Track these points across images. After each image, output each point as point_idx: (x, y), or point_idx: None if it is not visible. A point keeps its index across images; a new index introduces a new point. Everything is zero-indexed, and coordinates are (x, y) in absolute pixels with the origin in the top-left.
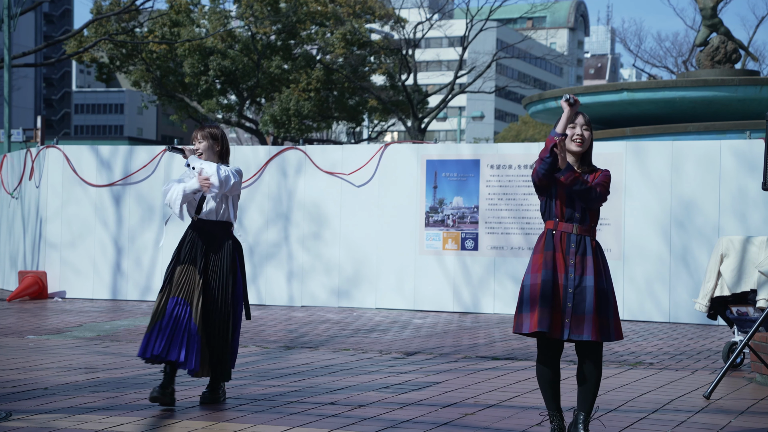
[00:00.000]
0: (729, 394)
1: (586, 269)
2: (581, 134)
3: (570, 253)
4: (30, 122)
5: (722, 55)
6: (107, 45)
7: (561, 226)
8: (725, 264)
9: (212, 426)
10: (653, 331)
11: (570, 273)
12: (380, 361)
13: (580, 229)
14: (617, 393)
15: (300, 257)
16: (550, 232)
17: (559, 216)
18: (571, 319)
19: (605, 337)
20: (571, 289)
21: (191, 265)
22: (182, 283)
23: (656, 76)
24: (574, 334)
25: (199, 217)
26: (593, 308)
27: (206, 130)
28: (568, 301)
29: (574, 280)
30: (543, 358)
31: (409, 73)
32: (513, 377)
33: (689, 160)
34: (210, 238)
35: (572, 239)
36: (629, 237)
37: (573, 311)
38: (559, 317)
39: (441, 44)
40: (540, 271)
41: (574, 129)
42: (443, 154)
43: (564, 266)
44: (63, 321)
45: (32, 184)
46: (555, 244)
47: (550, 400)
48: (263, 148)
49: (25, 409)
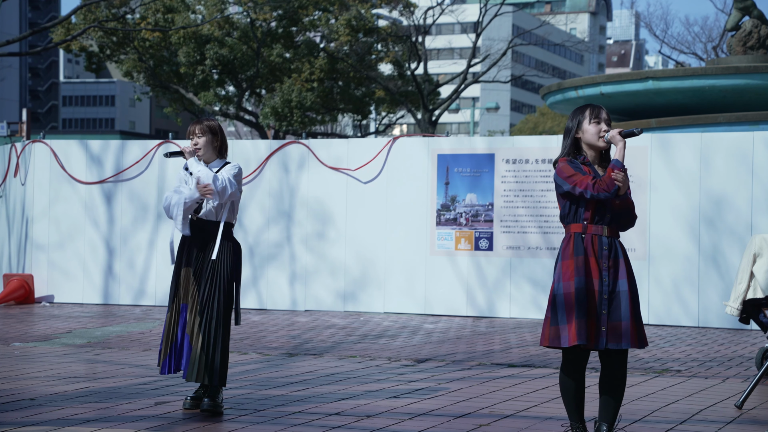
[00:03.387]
0: (762, 404)
1: (619, 273)
2: (607, 130)
3: (603, 257)
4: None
5: (755, 41)
6: (97, 33)
7: (591, 229)
8: (758, 264)
9: None
10: (681, 337)
11: (604, 278)
12: (389, 369)
13: (609, 231)
14: (642, 402)
15: (303, 258)
16: (579, 236)
17: (588, 219)
18: (607, 327)
19: (642, 343)
20: (606, 295)
21: (190, 267)
22: (185, 287)
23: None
24: (612, 343)
25: (198, 217)
26: (629, 314)
27: (204, 123)
28: (603, 308)
29: (608, 286)
30: (570, 369)
31: (418, 61)
32: (530, 386)
33: (719, 153)
34: (209, 239)
35: (604, 242)
36: (655, 236)
37: (609, 318)
38: (594, 326)
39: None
40: (573, 279)
41: (599, 125)
42: (456, 148)
43: (598, 271)
44: (51, 327)
45: (17, 181)
46: (586, 248)
47: (574, 412)
48: (264, 142)
49: (11, 422)
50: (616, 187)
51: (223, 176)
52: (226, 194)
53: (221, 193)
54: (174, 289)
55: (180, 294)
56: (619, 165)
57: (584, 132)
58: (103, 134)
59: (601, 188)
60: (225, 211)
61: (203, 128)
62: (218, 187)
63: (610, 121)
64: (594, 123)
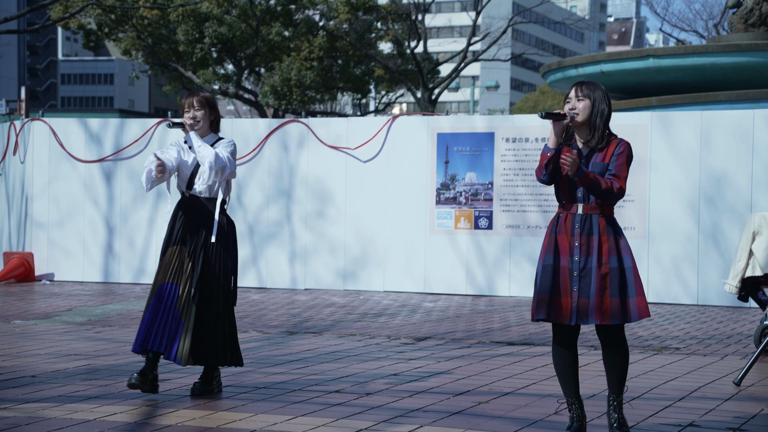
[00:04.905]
0: (761, 381)
1: (592, 250)
2: (573, 106)
3: (575, 235)
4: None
5: (756, 18)
6: (95, 10)
7: (566, 207)
8: (758, 242)
9: (211, 415)
10: (680, 314)
11: (575, 255)
12: (389, 347)
13: (585, 209)
14: (641, 380)
15: (303, 237)
16: (558, 215)
17: (566, 198)
18: (578, 304)
19: (617, 319)
20: (576, 273)
21: (182, 245)
22: (173, 267)
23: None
24: (581, 320)
25: (191, 193)
26: (596, 291)
27: (201, 95)
28: (574, 285)
29: (579, 263)
30: (558, 339)
31: (418, 39)
32: (529, 363)
33: (720, 131)
34: (202, 216)
35: (577, 219)
36: (655, 214)
37: (579, 295)
38: (568, 302)
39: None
40: (543, 256)
41: (569, 103)
42: (455, 126)
43: (568, 248)
44: (51, 305)
45: (17, 159)
46: (559, 227)
47: (569, 386)
48: (263, 121)
49: (12, 398)
50: (544, 173)
51: (223, 154)
52: (226, 173)
53: (221, 171)
54: (160, 265)
55: (165, 273)
56: (545, 150)
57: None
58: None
59: (537, 174)
60: (221, 189)
61: (200, 100)
62: (219, 165)
63: (586, 96)
64: (567, 103)
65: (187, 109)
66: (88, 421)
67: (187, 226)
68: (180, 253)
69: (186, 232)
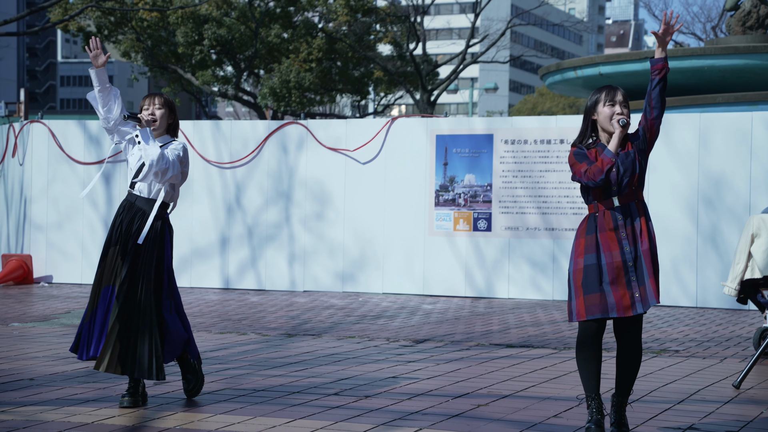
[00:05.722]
0: (760, 384)
1: (637, 237)
2: (622, 113)
3: (619, 228)
4: (12, 95)
5: (754, 20)
6: (94, 12)
7: (601, 206)
8: (756, 244)
9: (209, 418)
10: (679, 317)
11: (625, 247)
12: (387, 350)
13: (621, 200)
14: (641, 382)
15: (302, 239)
16: (593, 216)
17: (598, 197)
18: (639, 293)
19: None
20: (630, 263)
21: (119, 246)
22: (111, 268)
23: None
24: (645, 306)
25: (131, 191)
26: (649, 274)
27: (164, 97)
28: (632, 275)
29: (631, 253)
30: (583, 342)
31: (417, 41)
32: (529, 366)
33: (718, 133)
34: (139, 217)
35: (617, 212)
36: (653, 216)
37: (638, 284)
38: (626, 294)
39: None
40: (582, 256)
41: (614, 107)
42: (454, 128)
43: (617, 242)
44: (50, 307)
45: (16, 161)
46: (599, 226)
47: (592, 380)
48: (262, 122)
49: (10, 401)
50: (602, 176)
51: (167, 157)
52: (167, 175)
53: (161, 173)
54: (100, 269)
55: (105, 275)
56: (610, 155)
57: (599, 114)
58: None
59: (590, 176)
60: (162, 190)
61: (163, 101)
62: (160, 167)
63: (627, 102)
64: (608, 106)
65: (147, 106)
66: (87, 424)
67: (123, 226)
68: (117, 254)
69: (121, 232)
